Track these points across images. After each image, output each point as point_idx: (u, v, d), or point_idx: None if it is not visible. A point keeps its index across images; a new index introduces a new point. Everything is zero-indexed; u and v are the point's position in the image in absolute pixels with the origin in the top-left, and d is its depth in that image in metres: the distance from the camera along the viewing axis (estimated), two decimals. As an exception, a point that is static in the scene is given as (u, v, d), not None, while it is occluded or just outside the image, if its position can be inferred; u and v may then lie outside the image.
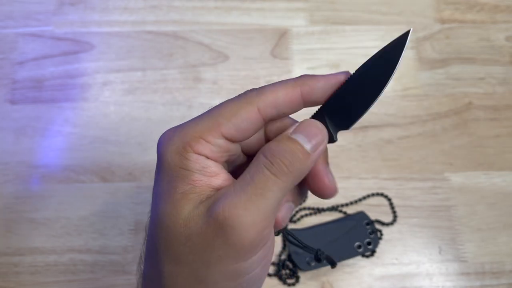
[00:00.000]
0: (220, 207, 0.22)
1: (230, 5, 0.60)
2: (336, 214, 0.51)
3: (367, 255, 0.49)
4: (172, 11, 0.59)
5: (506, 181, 0.52)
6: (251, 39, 0.58)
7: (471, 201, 0.51)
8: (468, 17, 0.60)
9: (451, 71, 0.57)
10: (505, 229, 0.50)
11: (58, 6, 0.59)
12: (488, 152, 0.53)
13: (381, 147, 0.53)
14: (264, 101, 0.25)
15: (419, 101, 0.56)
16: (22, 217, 0.50)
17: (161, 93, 0.55)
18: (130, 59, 0.57)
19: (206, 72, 0.56)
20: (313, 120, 0.26)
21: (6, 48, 0.57)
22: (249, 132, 0.25)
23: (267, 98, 0.25)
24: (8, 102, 0.55)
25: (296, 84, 0.25)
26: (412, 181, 0.52)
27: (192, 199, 0.23)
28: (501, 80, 0.57)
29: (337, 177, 0.52)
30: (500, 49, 0.58)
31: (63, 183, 0.51)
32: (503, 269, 0.49)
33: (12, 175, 0.52)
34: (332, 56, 0.58)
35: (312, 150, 0.25)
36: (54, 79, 0.56)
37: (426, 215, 0.51)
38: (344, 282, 0.48)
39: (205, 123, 0.25)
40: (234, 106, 0.25)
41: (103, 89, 0.55)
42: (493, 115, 0.55)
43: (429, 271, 0.49)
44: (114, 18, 0.58)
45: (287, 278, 0.48)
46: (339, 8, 0.60)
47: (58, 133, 0.53)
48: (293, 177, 0.24)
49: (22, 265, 0.48)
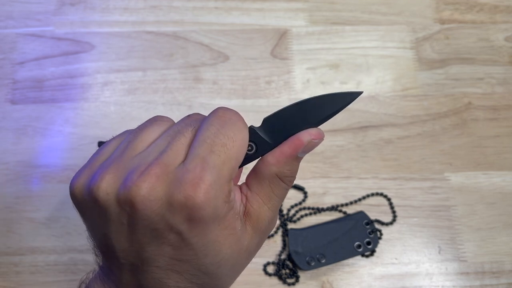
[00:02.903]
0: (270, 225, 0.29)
1: (230, 5, 0.60)
2: (336, 214, 0.51)
3: (366, 254, 0.49)
4: (172, 11, 0.59)
5: (505, 181, 0.52)
6: (251, 39, 0.58)
7: (471, 201, 0.52)
8: (467, 18, 0.60)
9: (450, 71, 0.57)
10: (505, 228, 0.51)
11: (58, 6, 0.59)
12: (487, 152, 0.54)
13: (380, 147, 0.53)
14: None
15: (418, 101, 0.56)
16: (22, 216, 0.50)
17: (161, 93, 0.55)
18: (130, 59, 0.57)
19: (206, 72, 0.56)
20: (319, 133, 0.28)
21: (7, 48, 0.57)
22: None
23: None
24: (8, 102, 0.55)
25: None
26: (412, 181, 0.52)
27: (242, 223, 0.27)
28: (501, 80, 0.57)
29: (337, 177, 0.53)
30: (499, 49, 0.58)
31: (63, 182, 0.51)
32: (502, 268, 0.49)
33: (12, 175, 0.52)
34: (332, 56, 0.58)
35: (303, 155, 0.28)
36: (55, 79, 0.56)
37: (425, 215, 0.51)
38: (344, 281, 0.48)
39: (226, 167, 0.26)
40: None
41: (104, 89, 0.56)
42: (493, 115, 0.55)
43: (428, 270, 0.49)
44: (114, 18, 0.59)
45: (287, 278, 0.48)
46: (339, 8, 0.60)
47: (59, 133, 0.53)
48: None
49: (23, 265, 0.48)
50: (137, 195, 0.23)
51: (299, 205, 0.51)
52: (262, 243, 0.29)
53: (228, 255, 0.26)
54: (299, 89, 0.56)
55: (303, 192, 0.52)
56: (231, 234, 0.26)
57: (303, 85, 0.56)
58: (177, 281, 0.26)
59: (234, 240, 0.26)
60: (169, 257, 0.25)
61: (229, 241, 0.26)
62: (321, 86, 0.56)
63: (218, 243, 0.25)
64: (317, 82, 0.56)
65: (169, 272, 0.26)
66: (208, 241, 0.25)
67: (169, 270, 0.25)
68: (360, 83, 0.56)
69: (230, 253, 0.26)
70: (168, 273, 0.26)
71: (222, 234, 0.25)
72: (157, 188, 0.23)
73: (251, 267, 0.49)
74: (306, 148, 0.27)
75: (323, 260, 0.47)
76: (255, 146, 0.27)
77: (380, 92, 0.56)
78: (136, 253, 0.25)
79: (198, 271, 0.26)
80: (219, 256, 0.26)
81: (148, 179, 0.23)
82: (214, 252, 0.25)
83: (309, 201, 0.51)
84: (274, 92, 0.56)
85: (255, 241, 0.28)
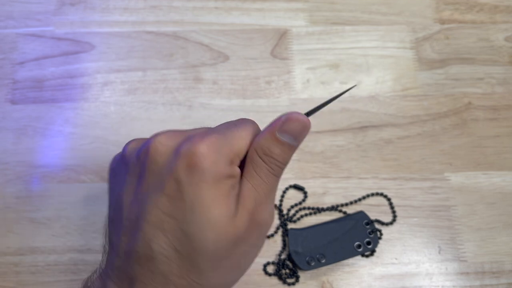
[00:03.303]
0: (261, 214, 0.28)
1: (230, 5, 0.60)
2: (336, 214, 0.51)
3: (366, 254, 0.49)
4: (172, 11, 0.59)
5: (505, 181, 0.52)
6: (251, 39, 0.58)
7: (471, 201, 0.52)
8: (467, 18, 0.60)
9: (450, 71, 0.57)
10: (505, 228, 0.51)
11: (58, 6, 0.59)
12: (487, 152, 0.54)
13: (380, 147, 0.54)
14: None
15: (418, 101, 0.56)
16: (22, 216, 0.50)
17: (161, 93, 0.55)
18: (130, 59, 0.57)
19: (206, 72, 0.56)
20: (298, 115, 0.28)
21: (7, 48, 0.57)
22: None
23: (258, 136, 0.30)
24: (8, 102, 0.55)
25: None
26: (412, 181, 0.52)
27: (235, 202, 0.27)
28: (501, 80, 0.57)
29: (337, 177, 0.53)
30: (499, 49, 0.58)
31: (63, 182, 0.51)
32: (502, 268, 0.49)
33: (12, 175, 0.52)
34: (332, 56, 0.58)
35: (298, 144, 0.29)
36: (55, 79, 0.56)
37: (425, 215, 0.51)
38: (344, 281, 0.48)
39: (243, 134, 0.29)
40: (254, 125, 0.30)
41: (104, 89, 0.56)
42: (493, 115, 0.55)
43: (428, 270, 0.49)
44: (114, 18, 0.59)
45: (287, 278, 0.48)
46: (339, 8, 0.60)
47: (59, 133, 0.53)
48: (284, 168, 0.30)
49: (23, 265, 0.48)
50: (153, 143, 0.27)
51: (299, 205, 0.51)
52: (253, 237, 0.29)
53: (214, 220, 0.26)
54: (299, 89, 0.56)
55: (303, 192, 0.52)
56: (223, 201, 0.26)
57: (303, 85, 0.56)
58: (161, 245, 0.26)
59: (225, 209, 0.26)
60: (162, 212, 0.26)
61: (219, 205, 0.26)
62: (321, 86, 0.56)
63: (208, 202, 0.26)
64: (317, 82, 0.56)
65: (157, 231, 0.26)
66: (200, 195, 0.26)
67: (158, 229, 0.26)
68: (360, 83, 0.56)
69: (217, 218, 0.26)
70: (156, 233, 0.26)
71: (215, 196, 0.26)
72: (170, 139, 0.27)
73: (251, 267, 0.49)
74: (284, 129, 0.28)
75: (323, 260, 0.47)
76: None
77: (380, 92, 0.56)
78: (137, 206, 0.27)
79: (181, 232, 0.26)
80: (205, 216, 0.26)
81: (167, 134, 0.28)
82: (202, 209, 0.26)
83: (309, 201, 0.51)
84: (274, 92, 0.56)
85: (244, 224, 0.27)
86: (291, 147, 0.28)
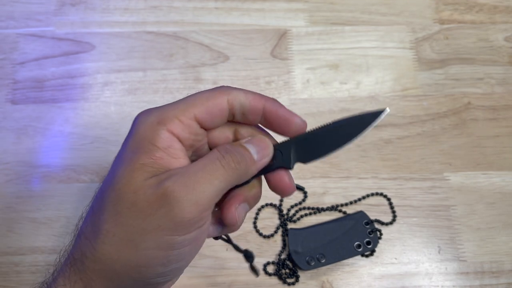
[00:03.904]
0: (171, 182, 0.25)
1: (230, 6, 0.60)
2: (336, 214, 0.51)
3: (366, 254, 0.49)
4: (172, 11, 0.59)
5: (505, 180, 0.53)
6: (251, 40, 0.58)
7: (470, 201, 0.52)
8: (467, 18, 0.60)
9: (450, 71, 0.57)
10: (504, 228, 0.51)
11: (59, 6, 0.59)
12: (487, 152, 0.54)
13: (380, 147, 0.54)
14: (233, 95, 0.28)
15: (418, 101, 0.56)
16: (23, 216, 0.50)
17: (161, 93, 0.55)
18: (130, 59, 0.57)
19: (206, 73, 0.57)
20: (265, 138, 0.30)
21: (7, 48, 0.57)
22: (217, 119, 0.29)
23: (237, 93, 0.28)
24: (9, 102, 0.55)
25: (264, 99, 0.29)
26: (412, 181, 0.52)
27: (148, 171, 0.26)
28: (500, 80, 0.57)
29: (337, 177, 0.53)
30: (499, 50, 0.58)
31: (64, 182, 0.51)
32: (502, 268, 0.49)
33: (13, 175, 0.52)
34: (332, 56, 0.58)
35: (258, 160, 0.29)
36: (55, 79, 0.56)
37: (425, 214, 0.51)
38: (344, 281, 0.48)
39: (180, 106, 0.28)
40: (207, 94, 0.29)
41: (104, 89, 0.56)
42: (492, 115, 0.55)
43: (428, 270, 0.49)
44: (114, 18, 0.59)
45: (287, 278, 0.48)
46: (338, 9, 0.60)
47: (59, 133, 0.54)
48: (238, 174, 0.28)
49: (23, 265, 0.48)
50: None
51: (299, 205, 0.51)
52: (158, 214, 0.26)
53: (119, 175, 0.27)
54: (299, 89, 0.56)
55: (303, 192, 0.52)
56: (151, 170, 0.26)
57: (303, 85, 0.56)
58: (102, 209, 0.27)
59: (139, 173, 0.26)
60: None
61: (143, 173, 0.26)
62: (321, 86, 0.56)
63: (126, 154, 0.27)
64: (317, 82, 0.56)
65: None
66: (123, 146, 0.28)
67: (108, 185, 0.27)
68: (360, 83, 0.56)
69: (122, 174, 0.27)
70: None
71: (146, 159, 0.27)
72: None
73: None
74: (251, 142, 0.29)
75: (323, 260, 0.47)
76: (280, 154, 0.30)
77: (380, 92, 0.56)
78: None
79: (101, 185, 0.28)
80: (118, 169, 0.27)
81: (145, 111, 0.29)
82: (117, 160, 0.28)
83: (309, 201, 0.51)
84: (274, 92, 0.56)
85: (147, 192, 0.26)
86: (251, 158, 0.28)
